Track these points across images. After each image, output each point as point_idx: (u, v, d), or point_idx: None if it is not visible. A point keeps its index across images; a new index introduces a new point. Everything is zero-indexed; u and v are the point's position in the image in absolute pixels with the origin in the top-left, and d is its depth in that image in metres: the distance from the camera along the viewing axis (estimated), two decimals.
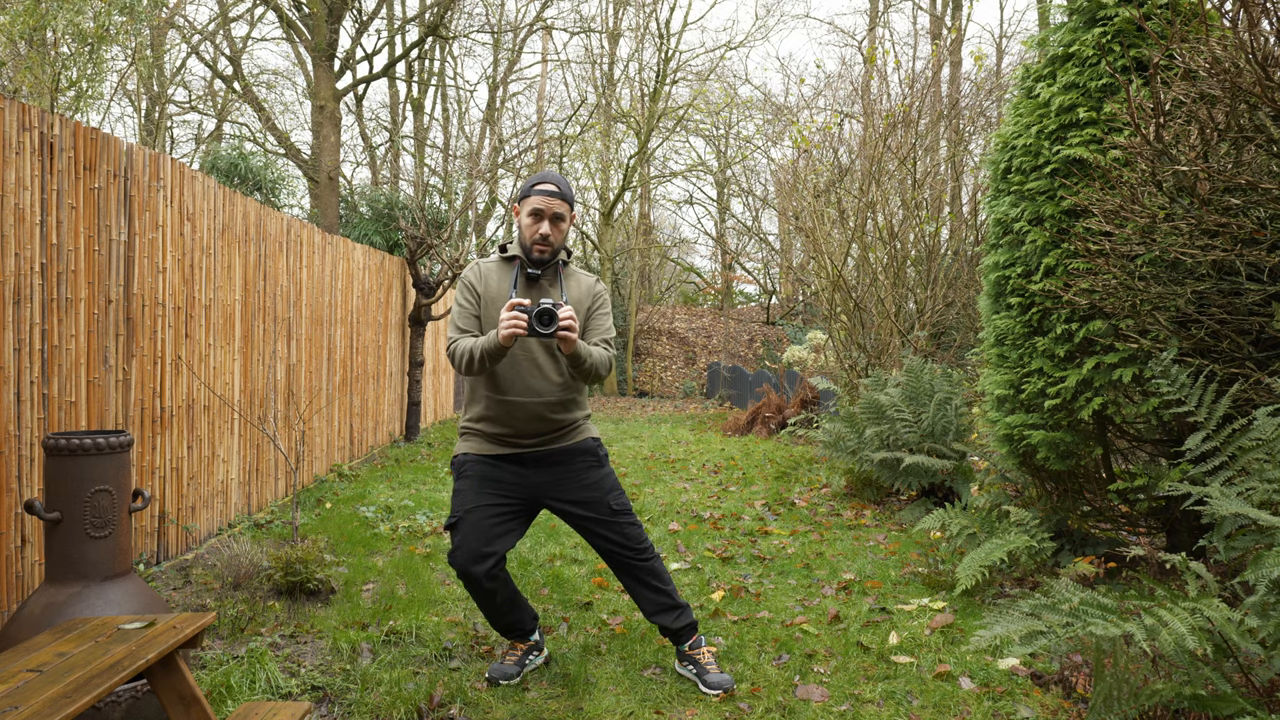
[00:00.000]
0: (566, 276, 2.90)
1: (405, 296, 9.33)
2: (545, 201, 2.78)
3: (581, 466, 2.89)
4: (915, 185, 7.97)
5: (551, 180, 2.81)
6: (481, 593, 2.83)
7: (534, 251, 2.80)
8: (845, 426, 6.18)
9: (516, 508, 2.86)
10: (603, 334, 2.88)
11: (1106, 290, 3.16)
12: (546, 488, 2.87)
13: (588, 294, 2.91)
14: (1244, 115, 2.54)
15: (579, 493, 2.87)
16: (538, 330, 2.55)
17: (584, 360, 2.69)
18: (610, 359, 2.81)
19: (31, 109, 3.28)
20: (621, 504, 2.91)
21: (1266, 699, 2.18)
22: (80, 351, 3.58)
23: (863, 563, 4.40)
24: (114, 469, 2.65)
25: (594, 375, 2.76)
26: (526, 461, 2.87)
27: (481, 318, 2.83)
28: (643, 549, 2.92)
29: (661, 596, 2.95)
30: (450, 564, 2.80)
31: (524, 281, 2.84)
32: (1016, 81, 3.98)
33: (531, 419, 2.81)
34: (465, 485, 2.85)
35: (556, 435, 2.87)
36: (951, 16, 17.68)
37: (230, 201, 4.99)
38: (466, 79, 36.45)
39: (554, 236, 2.80)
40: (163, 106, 17.50)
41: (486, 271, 2.88)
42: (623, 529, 2.89)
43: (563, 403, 2.84)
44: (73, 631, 2.16)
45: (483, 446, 2.88)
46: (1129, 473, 3.59)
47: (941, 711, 2.69)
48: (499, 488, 2.84)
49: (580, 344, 2.67)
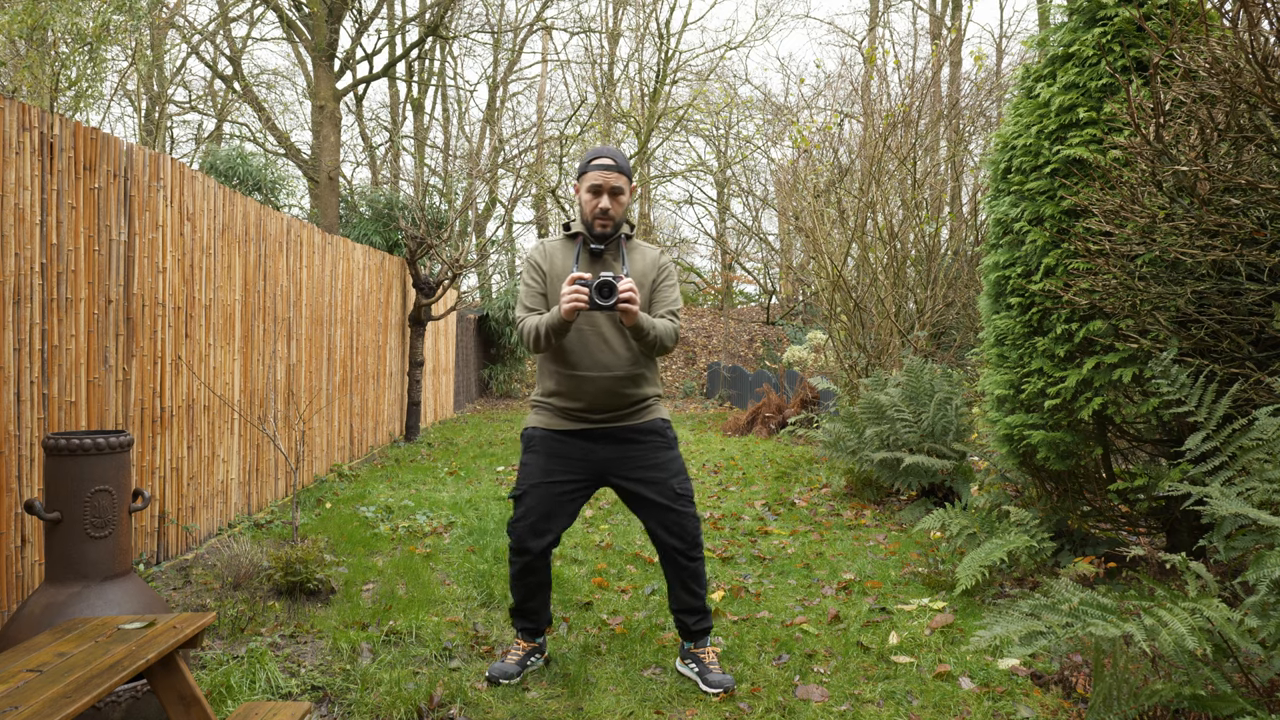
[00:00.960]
0: (630, 250, 2.91)
1: (405, 296, 9.33)
2: (602, 176, 2.79)
3: (650, 446, 2.89)
4: (915, 185, 7.97)
5: (608, 154, 2.82)
6: (527, 569, 2.89)
7: (595, 227, 2.82)
8: (845, 426, 6.18)
9: (580, 486, 2.90)
10: (668, 305, 2.87)
11: (1106, 290, 3.16)
12: (613, 464, 2.88)
13: (652, 266, 2.90)
14: (1244, 115, 2.54)
15: (645, 472, 2.87)
16: (598, 303, 2.56)
17: (647, 332, 2.69)
18: (676, 330, 2.82)
19: (31, 109, 3.28)
20: (685, 489, 2.90)
21: (1266, 699, 2.18)
22: (80, 351, 3.58)
23: (863, 563, 4.40)
24: (114, 469, 2.65)
25: (660, 347, 2.76)
26: (595, 437, 2.88)
27: (548, 295, 2.86)
28: (696, 545, 2.91)
29: (694, 599, 2.97)
30: (508, 533, 2.88)
31: (587, 257, 2.86)
32: (1016, 81, 3.98)
33: (601, 394, 2.82)
34: (532, 460, 2.90)
35: (627, 412, 2.88)
36: (951, 16, 17.68)
37: (230, 201, 4.99)
38: (466, 79, 36.45)
39: (614, 210, 2.81)
40: (163, 106, 17.50)
41: (551, 250, 2.90)
42: (682, 517, 2.88)
43: (632, 377, 2.84)
44: (73, 631, 2.16)
45: (552, 421, 2.90)
46: (1129, 473, 3.59)
47: (941, 711, 2.68)
48: (566, 464, 2.87)
49: (643, 316, 2.67)
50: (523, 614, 3.02)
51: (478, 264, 11.61)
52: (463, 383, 13.82)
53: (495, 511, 5.60)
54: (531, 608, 3.01)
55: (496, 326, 16.15)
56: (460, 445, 9.19)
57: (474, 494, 6.25)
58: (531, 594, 2.98)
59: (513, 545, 2.91)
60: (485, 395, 16.61)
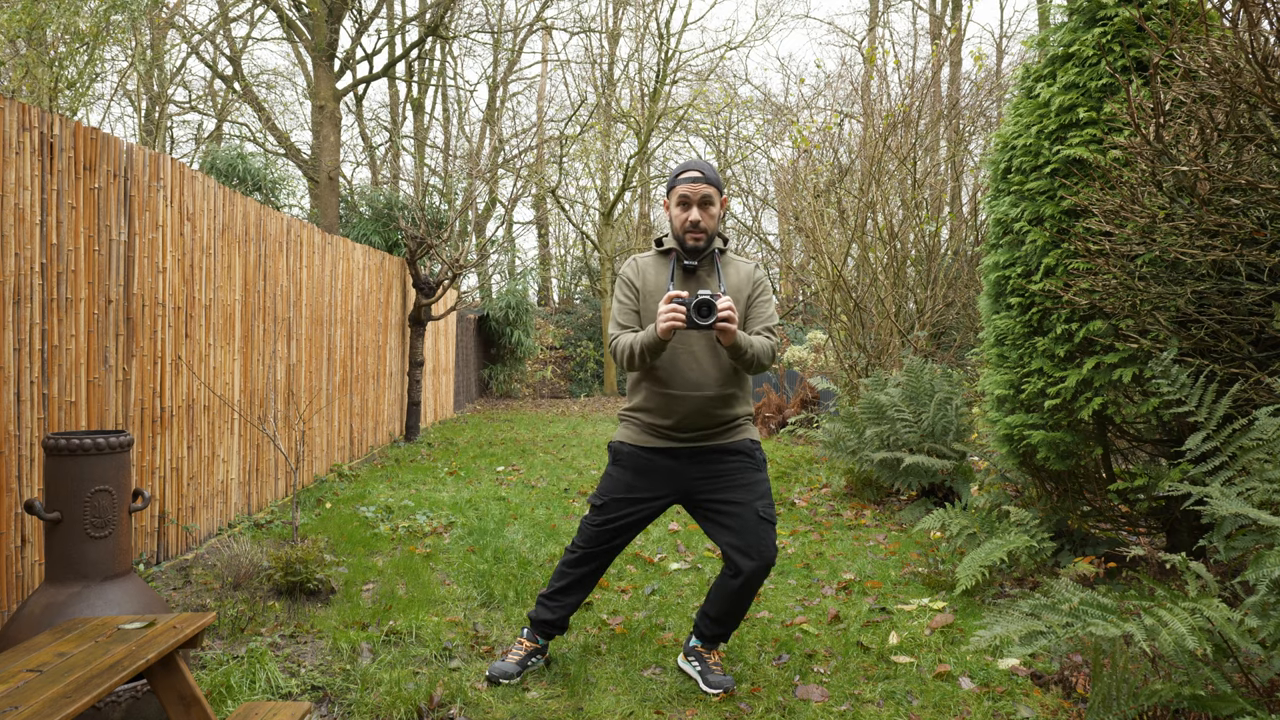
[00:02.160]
0: (724, 264, 2.85)
1: (405, 296, 9.33)
2: (691, 188, 2.74)
3: (737, 466, 2.82)
4: (915, 185, 7.97)
5: (696, 167, 2.77)
6: (586, 562, 2.90)
7: (688, 241, 2.77)
8: (845, 426, 6.18)
9: (660, 505, 2.87)
10: (764, 322, 2.80)
11: (1106, 290, 3.16)
12: (698, 484, 2.83)
13: (747, 281, 2.84)
14: (1244, 115, 2.54)
15: (729, 492, 2.80)
16: (696, 322, 2.52)
17: (745, 351, 2.63)
18: (774, 347, 2.76)
19: (31, 109, 3.28)
20: (769, 514, 2.79)
21: (1266, 699, 2.18)
22: (80, 351, 3.58)
23: (863, 563, 4.40)
24: (114, 469, 2.65)
25: (757, 366, 2.71)
26: (681, 456, 2.84)
27: (641, 313, 2.81)
28: (766, 571, 2.79)
29: (738, 612, 2.91)
30: (580, 530, 2.90)
31: (680, 273, 2.81)
32: (1016, 81, 3.98)
33: (692, 413, 2.77)
34: (618, 473, 2.87)
35: (717, 431, 2.83)
36: (951, 16, 17.68)
37: (230, 201, 4.99)
38: (466, 79, 36.44)
39: (705, 222, 2.76)
40: (163, 106, 17.50)
41: (644, 266, 2.86)
42: (763, 542, 2.75)
43: (723, 397, 2.79)
44: (73, 631, 2.16)
45: (640, 437, 2.86)
46: (1129, 473, 3.59)
47: (941, 711, 2.68)
48: (650, 481, 2.84)
49: (740, 335, 2.61)
50: (553, 602, 2.97)
51: (478, 264, 11.61)
52: (463, 383, 13.82)
53: (495, 511, 5.60)
54: (565, 600, 2.97)
55: (496, 326, 16.15)
56: (460, 445, 9.19)
57: (474, 494, 6.25)
58: (573, 587, 2.95)
59: (580, 542, 2.90)
60: (485, 395, 16.61)
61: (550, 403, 16.51)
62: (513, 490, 6.51)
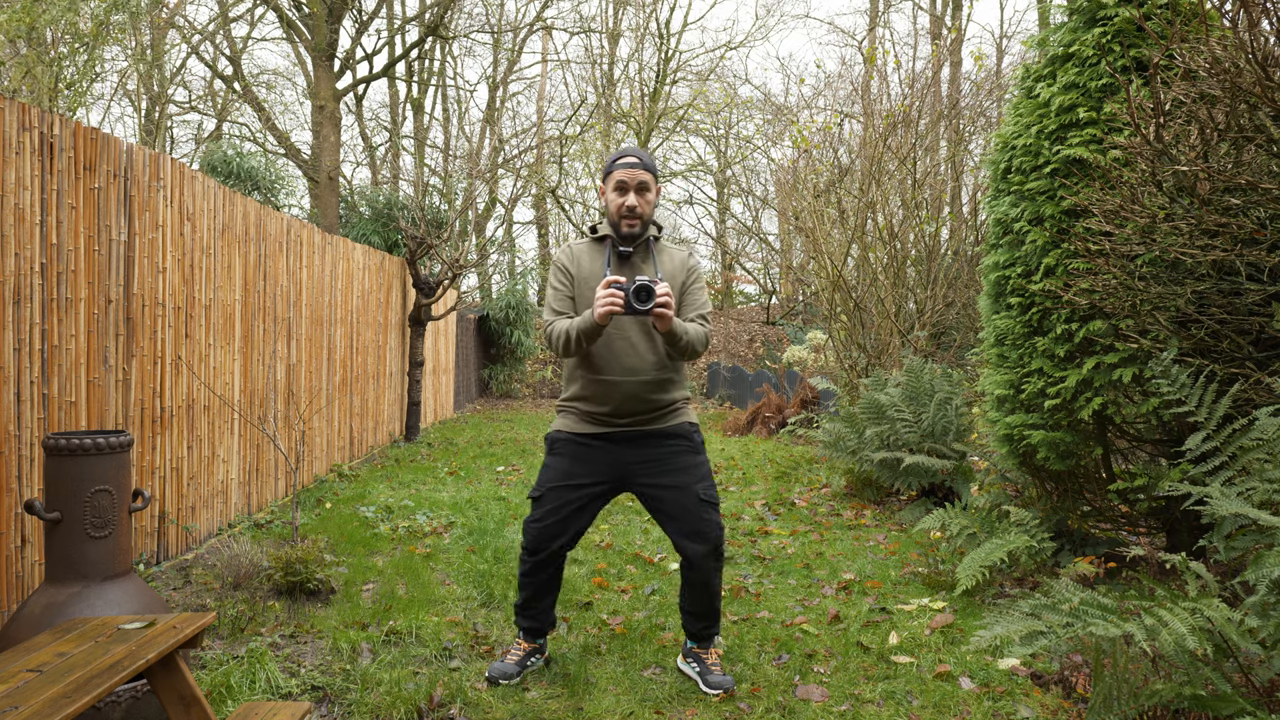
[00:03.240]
0: (659, 251, 2.86)
1: (405, 296, 9.33)
2: (628, 173, 2.75)
3: (675, 450, 2.84)
4: (915, 185, 7.97)
5: (632, 153, 2.78)
6: (540, 570, 2.87)
7: (623, 226, 2.78)
8: (845, 426, 6.18)
9: (601, 490, 2.86)
10: (698, 309, 2.82)
11: (1106, 290, 3.16)
12: (636, 468, 2.84)
13: (681, 268, 2.86)
14: (1244, 115, 2.54)
15: (670, 476, 2.82)
16: (635, 307, 2.52)
17: (680, 338, 2.66)
18: (707, 335, 2.78)
19: (31, 109, 3.28)
20: (710, 495, 2.83)
21: (1266, 699, 2.18)
22: (80, 351, 3.58)
23: (863, 563, 4.40)
24: (114, 469, 2.65)
25: (691, 352, 2.72)
26: (619, 440, 2.85)
27: (576, 299, 2.81)
28: (718, 553, 2.83)
29: (708, 605, 2.93)
30: (524, 532, 2.86)
31: (616, 260, 2.82)
32: (1016, 81, 3.98)
33: (628, 399, 2.79)
34: (555, 462, 2.87)
35: (653, 416, 2.84)
36: (951, 16, 17.69)
37: (230, 201, 4.99)
38: (466, 79, 36.45)
39: (641, 207, 2.77)
40: (163, 106, 17.51)
41: (579, 253, 2.86)
42: (707, 526, 2.80)
43: (659, 382, 2.81)
44: (73, 631, 2.16)
45: (577, 425, 2.87)
46: (1129, 473, 3.59)
47: (941, 711, 2.68)
48: (588, 467, 2.84)
49: (677, 321, 2.64)
50: (527, 612, 3.00)
51: (478, 264, 11.61)
52: (463, 383, 13.82)
53: (495, 511, 5.60)
54: (537, 608, 2.98)
55: (496, 326, 16.15)
56: (460, 445, 9.19)
57: (474, 494, 6.25)
58: (539, 594, 2.95)
59: (526, 544, 2.88)
60: (485, 395, 16.61)
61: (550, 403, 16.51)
62: (513, 490, 6.51)
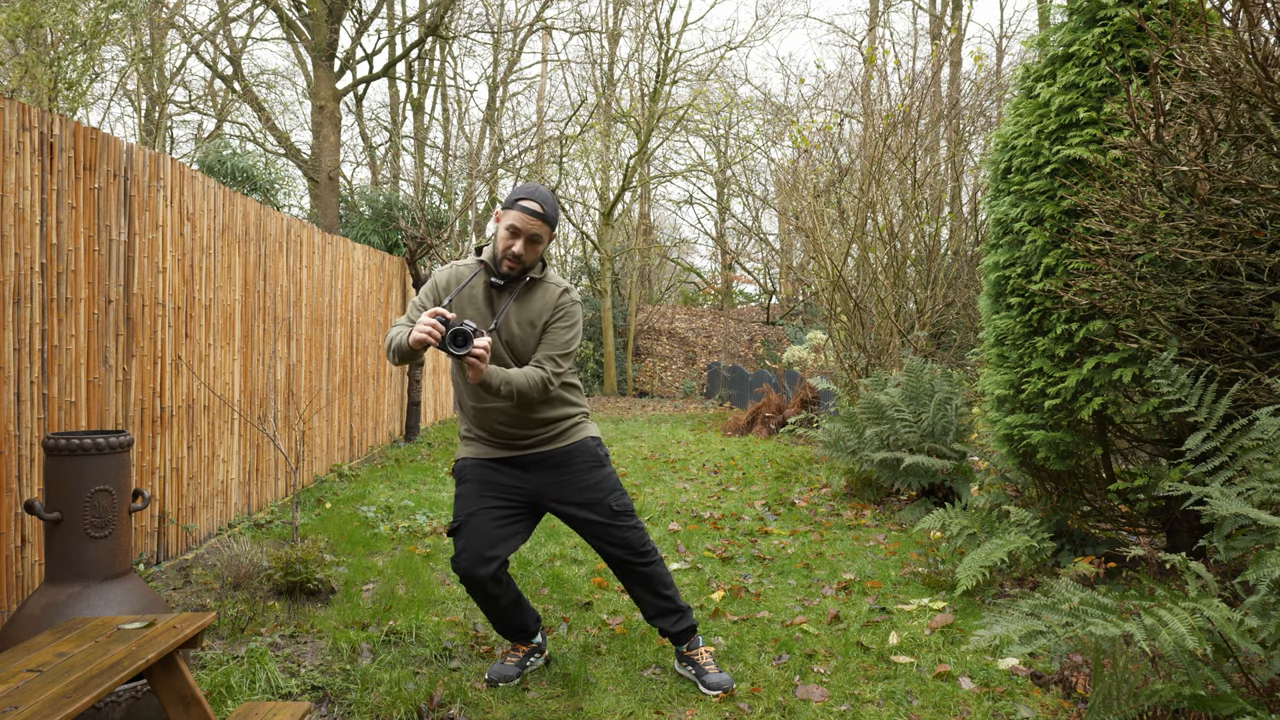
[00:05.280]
0: (530, 289, 2.78)
1: (405, 296, 9.33)
2: (524, 221, 2.67)
3: (581, 467, 2.85)
4: (915, 185, 7.97)
5: (537, 199, 2.69)
6: (485, 597, 2.81)
7: (504, 265, 2.71)
8: (845, 426, 6.18)
9: (518, 510, 2.84)
10: (550, 349, 2.73)
11: (1106, 290, 3.16)
12: (547, 489, 2.84)
13: (548, 307, 2.76)
14: (1244, 115, 2.54)
15: (579, 494, 2.84)
16: (449, 349, 2.45)
17: (497, 389, 2.59)
18: (544, 379, 2.68)
19: (31, 109, 3.28)
20: (623, 505, 2.86)
21: (1266, 699, 2.18)
22: (80, 351, 3.58)
23: (863, 563, 4.40)
24: (114, 469, 2.65)
25: (520, 398, 2.65)
26: (525, 464, 2.84)
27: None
28: (644, 553, 2.88)
29: (662, 601, 2.93)
30: (453, 569, 2.77)
31: (485, 288, 2.77)
32: (1016, 81, 3.98)
33: (510, 422, 2.78)
34: (466, 490, 2.83)
35: (549, 436, 2.84)
36: (951, 16, 17.69)
37: (230, 201, 4.99)
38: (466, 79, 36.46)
39: (526, 256, 2.70)
40: (163, 106, 17.50)
41: (461, 274, 2.80)
42: (624, 532, 2.84)
43: (537, 404, 2.78)
44: (73, 631, 2.16)
45: (480, 450, 2.86)
46: (1129, 473, 3.59)
47: (941, 711, 2.68)
48: (500, 490, 2.82)
49: (493, 372, 2.57)
50: (505, 631, 2.99)
51: None
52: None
53: None
54: (510, 624, 2.96)
55: None
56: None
57: None
58: (503, 614, 2.91)
59: (460, 578, 2.78)
60: None
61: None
62: None
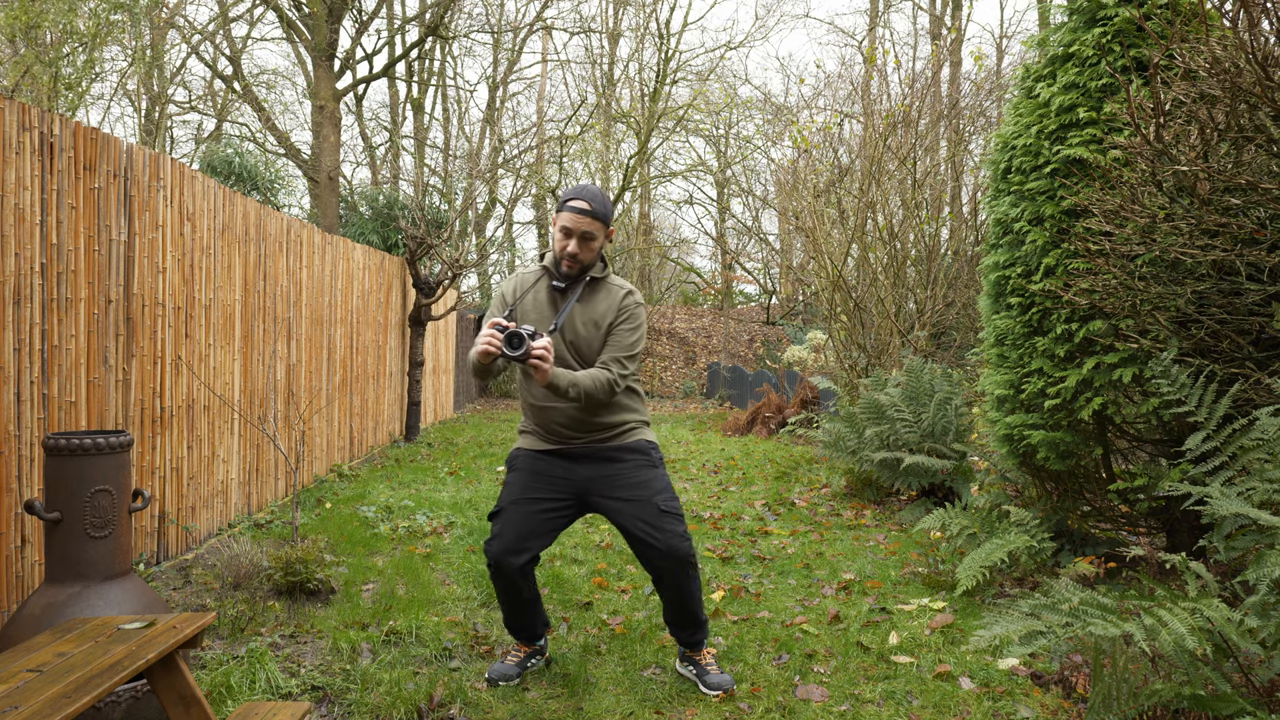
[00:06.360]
0: (593, 290, 2.83)
1: (405, 296, 9.32)
2: (575, 220, 2.72)
3: (632, 464, 2.84)
4: (915, 185, 7.97)
5: (587, 197, 2.74)
6: (509, 586, 2.83)
7: (563, 266, 2.78)
8: (845, 426, 6.18)
9: (563, 505, 2.85)
10: (616, 350, 2.77)
11: (1106, 290, 3.16)
12: (595, 483, 2.83)
13: (612, 308, 2.81)
14: (1244, 115, 2.54)
15: (626, 490, 2.81)
16: (508, 354, 2.49)
17: (565, 391, 2.63)
18: (610, 381, 2.71)
19: (31, 109, 3.28)
20: (670, 506, 2.80)
21: (1266, 699, 2.18)
22: (80, 351, 3.58)
23: (863, 563, 4.40)
24: (114, 469, 2.65)
25: (588, 399, 2.68)
26: (575, 455, 2.85)
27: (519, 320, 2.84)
28: (685, 563, 2.80)
29: (689, 615, 2.91)
30: (485, 551, 2.81)
31: (548, 292, 2.84)
32: (1016, 81, 3.98)
33: (569, 423, 2.81)
34: (514, 478, 2.87)
35: (605, 437, 2.86)
36: (951, 16, 17.69)
37: (230, 201, 4.99)
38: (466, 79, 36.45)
39: (582, 255, 2.76)
40: (163, 106, 17.50)
41: (524, 279, 2.89)
42: (668, 535, 2.75)
43: (593, 408, 2.80)
44: (73, 631, 2.16)
45: (534, 442, 2.90)
46: (1129, 473, 3.59)
47: (941, 711, 2.68)
48: (548, 483, 2.84)
49: (560, 374, 2.60)
50: (513, 628, 3.00)
51: (478, 264, 11.61)
52: (463, 383, 13.82)
53: None
54: (521, 622, 2.97)
55: None
56: (460, 445, 9.19)
57: (474, 494, 6.25)
58: (519, 610, 2.93)
59: (489, 563, 2.82)
60: (485, 395, 16.60)
61: None
62: None
